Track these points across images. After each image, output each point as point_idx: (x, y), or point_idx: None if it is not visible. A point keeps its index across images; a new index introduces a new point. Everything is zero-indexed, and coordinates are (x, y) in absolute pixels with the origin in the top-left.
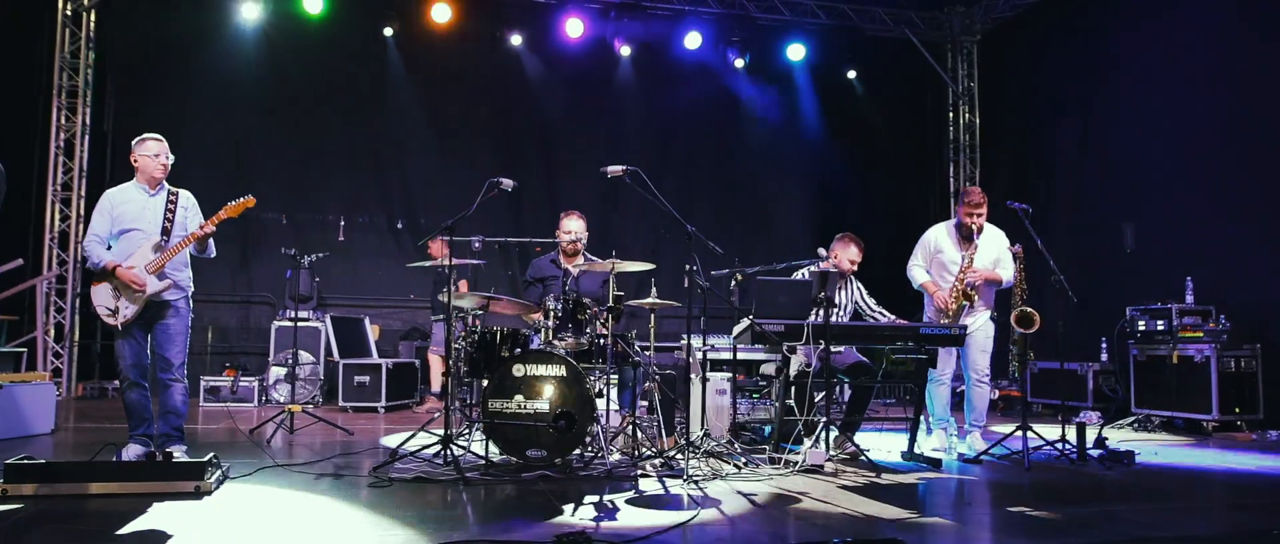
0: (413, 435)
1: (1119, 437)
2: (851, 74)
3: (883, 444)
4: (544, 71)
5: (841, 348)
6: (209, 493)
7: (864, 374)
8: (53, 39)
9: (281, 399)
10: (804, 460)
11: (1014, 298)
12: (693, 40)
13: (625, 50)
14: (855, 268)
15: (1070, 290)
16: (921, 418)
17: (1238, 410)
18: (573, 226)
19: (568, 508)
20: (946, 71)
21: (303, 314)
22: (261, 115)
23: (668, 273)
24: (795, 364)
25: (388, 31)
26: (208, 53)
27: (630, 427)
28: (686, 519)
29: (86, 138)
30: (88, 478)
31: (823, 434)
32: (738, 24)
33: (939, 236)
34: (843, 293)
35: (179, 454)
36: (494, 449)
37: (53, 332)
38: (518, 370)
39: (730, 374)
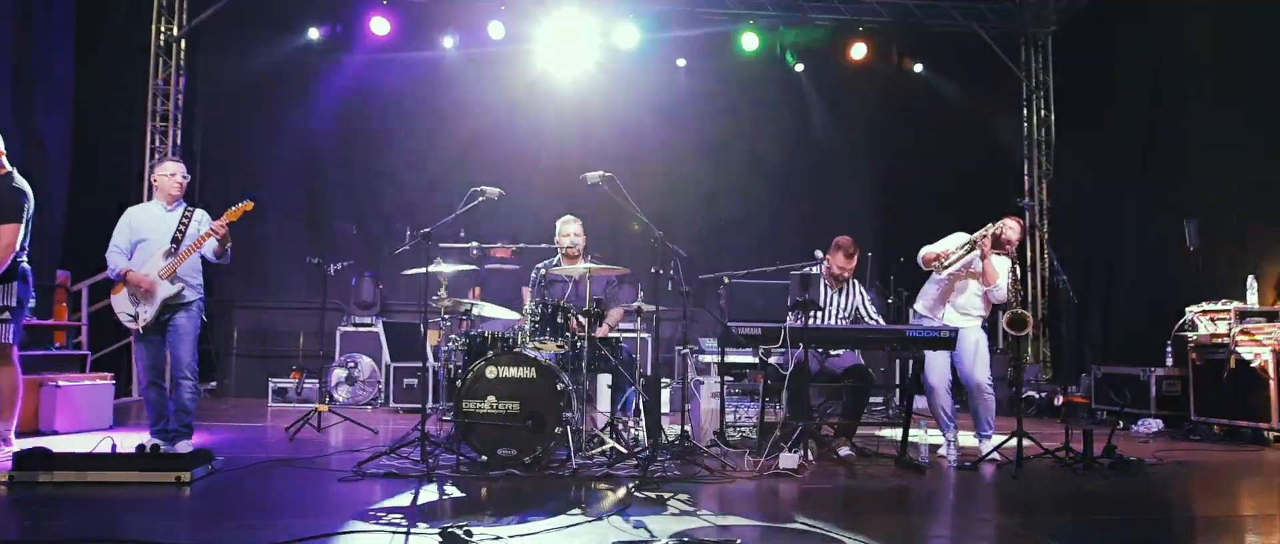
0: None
1: (1167, 444)
2: (919, 69)
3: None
4: (603, 82)
5: (840, 351)
6: (188, 484)
7: (860, 378)
8: (148, 67)
9: (342, 400)
10: (777, 465)
11: (1008, 299)
12: (749, 41)
13: (681, 62)
14: (846, 273)
15: (1072, 292)
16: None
17: None
18: (571, 230)
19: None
20: (1019, 66)
21: (365, 320)
22: (335, 134)
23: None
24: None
25: (448, 42)
26: (286, 76)
27: (609, 428)
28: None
29: (177, 156)
30: (84, 467)
31: (800, 438)
32: (795, 25)
33: (959, 238)
34: (842, 296)
35: (185, 448)
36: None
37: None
38: (490, 372)
39: (726, 377)
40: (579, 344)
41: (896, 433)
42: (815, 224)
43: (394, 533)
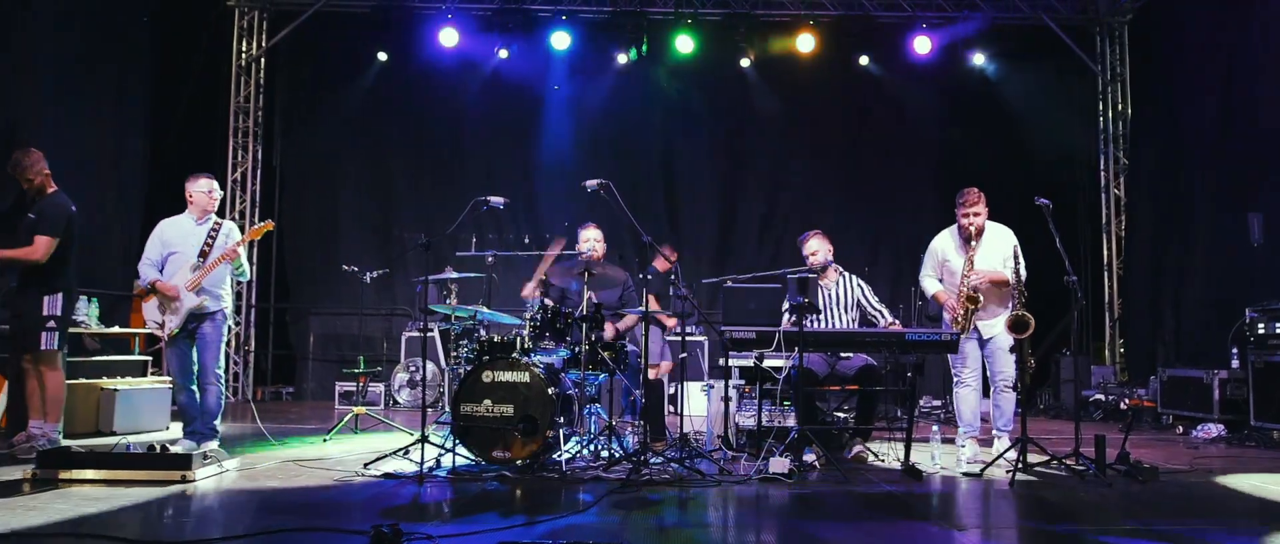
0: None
1: (1231, 454)
2: (981, 65)
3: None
4: (650, 87)
5: (850, 354)
6: (192, 482)
7: (872, 380)
8: (229, 86)
9: (404, 402)
10: (768, 469)
11: (1012, 299)
12: (806, 42)
13: (745, 61)
14: (817, 260)
15: (1081, 292)
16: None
17: None
18: (589, 236)
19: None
20: (1095, 57)
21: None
22: (407, 147)
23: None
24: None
25: (503, 53)
26: (359, 93)
27: (608, 431)
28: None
29: (258, 172)
30: (100, 465)
31: (796, 442)
32: (856, 23)
33: (944, 243)
34: (839, 291)
35: (211, 448)
36: (465, 450)
37: (233, 343)
38: (486, 376)
39: (729, 380)
40: (581, 348)
41: (921, 438)
42: (875, 232)
43: (327, 531)
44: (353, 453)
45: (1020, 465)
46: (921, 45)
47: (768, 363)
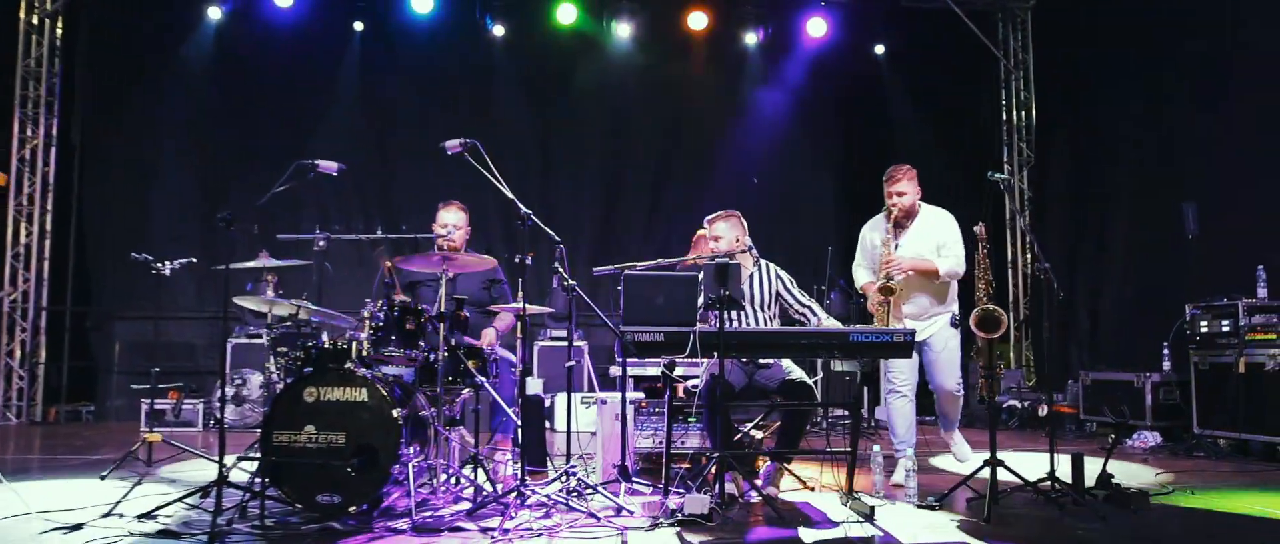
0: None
1: (1168, 464)
2: (883, 50)
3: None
4: (508, 61)
5: (771, 361)
6: None
7: (800, 393)
8: (16, 47)
9: (228, 422)
10: (681, 509)
11: (976, 294)
12: (697, 20)
13: (625, 29)
14: (721, 246)
15: (1057, 283)
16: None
17: None
18: (449, 219)
19: None
20: (997, 44)
21: (257, 330)
22: (239, 120)
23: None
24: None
25: (357, 26)
26: (182, 57)
27: (474, 464)
28: None
29: (52, 149)
30: None
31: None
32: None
33: (872, 229)
34: (756, 283)
35: None
36: (279, 494)
37: (18, 353)
38: (309, 394)
39: (627, 395)
40: (436, 356)
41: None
42: (768, 220)
43: None
44: (132, 498)
45: (996, 496)
46: (816, 27)
47: (678, 372)
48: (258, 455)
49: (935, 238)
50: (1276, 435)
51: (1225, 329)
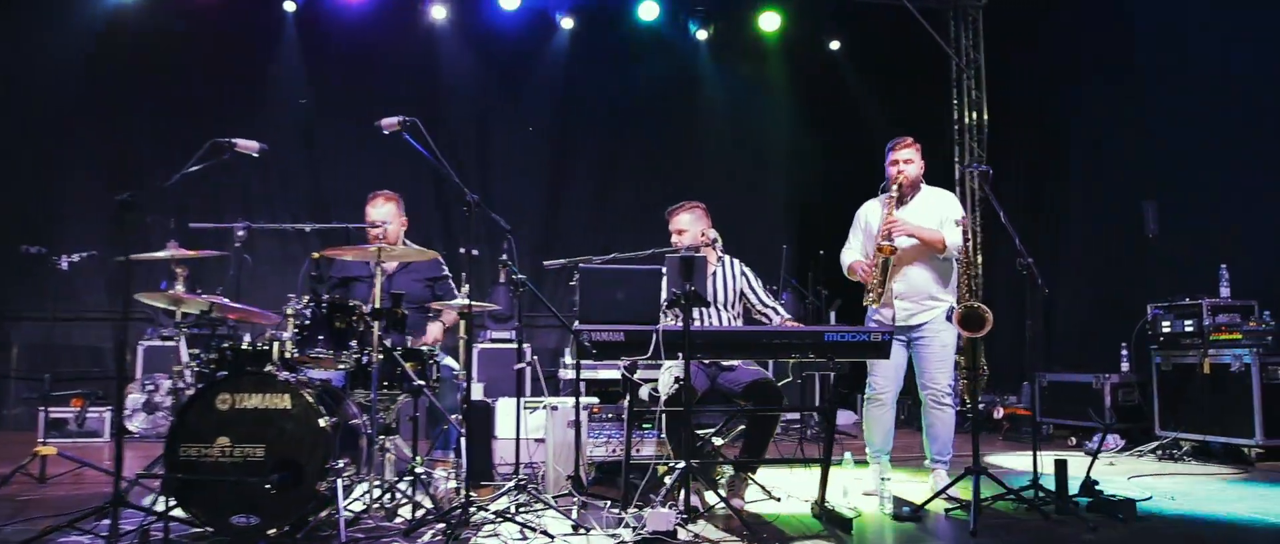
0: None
1: (1134, 467)
2: (835, 46)
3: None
4: (465, 47)
5: (736, 362)
6: None
7: (767, 398)
8: None
9: (137, 431)
10: (644, 527)
11: (960, 290)
12: (648, 10)
13: (568, 22)
14: (685, 240)
15: (1041, 278)
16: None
17: None
18: (378, 214)
19: None
20: (949, 42)
21: (169, 332)
22: (155, 100)
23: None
24: (663, 386)
25: (289, 6)
26: (89, 27)
27: (412, 478)
28: None
29: None
30: None
31: (678, 486)
32: None
33: (869, 208)
34: (720, 280)
35: None
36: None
37: None
38: (223, 402)
39: (580, 400)
40: (370, 358)
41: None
42: (718, 213)
43: None
44: (14, 522)
45: (980, 505)
46: (769, 21)
47: (639, 374)
48: (162, 472)
49: (940, 212)
50: (1240, 437)
51: (1189, 329)
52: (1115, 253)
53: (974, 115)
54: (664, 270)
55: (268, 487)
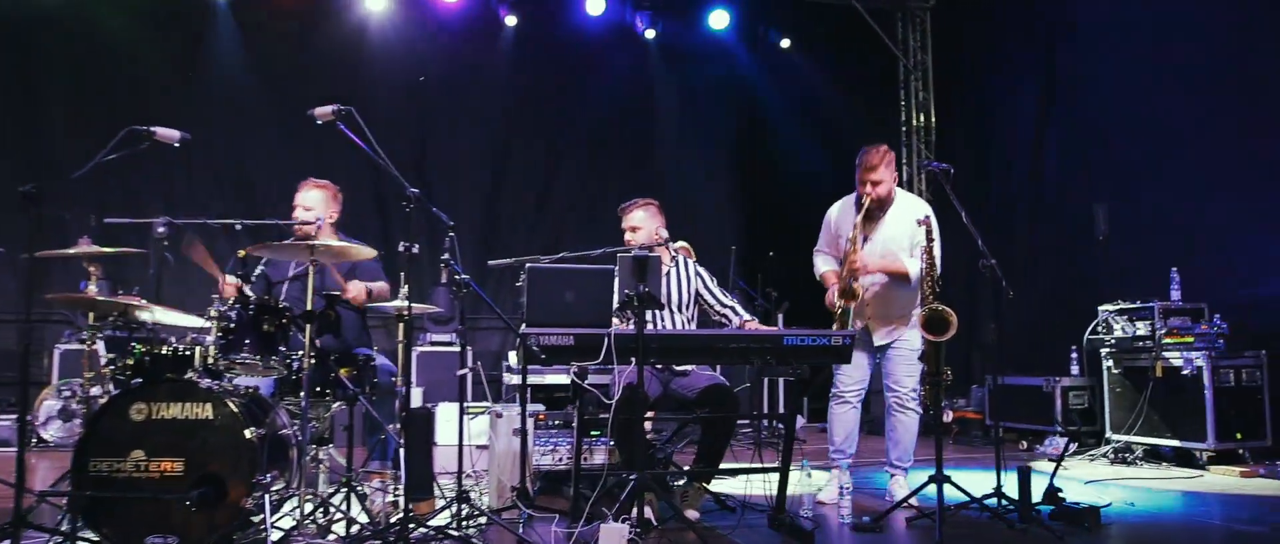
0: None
1: (1088, 472)
2: (785, 45)
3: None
4: (401, 39)
5: (688, 366)
6: None
7: (723, 403)
8: None
9: (52, 440)
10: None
11: (923, 293)
12: (595, 6)
13: (511, 19)
14: (639, 239)
15: (1005, 280)
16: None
17: (1239, 436)
18: (306, 199)
19: None
20: (897, 43)
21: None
22: (69, 84)
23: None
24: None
25: None
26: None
27: (347, 490)
28: None
29: None
30: None
31: (631, 498)
32: None
33: (840, 213)
34: (674, 281)
35: None
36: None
37: None
38: (138, 411)
39: (527, 407)
40: (302, 362)
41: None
42: (666, 213)
43: None
44: None
45: (941, 513)
46: (718, 19)
47: (590, 380)
48: (69, 490)
49: (909, 231)
50: (1192, 440)
51: (1141, 332)
52: (1064, 256)
53: (922, 117)
54: (615, 270)
55: (187, 504)
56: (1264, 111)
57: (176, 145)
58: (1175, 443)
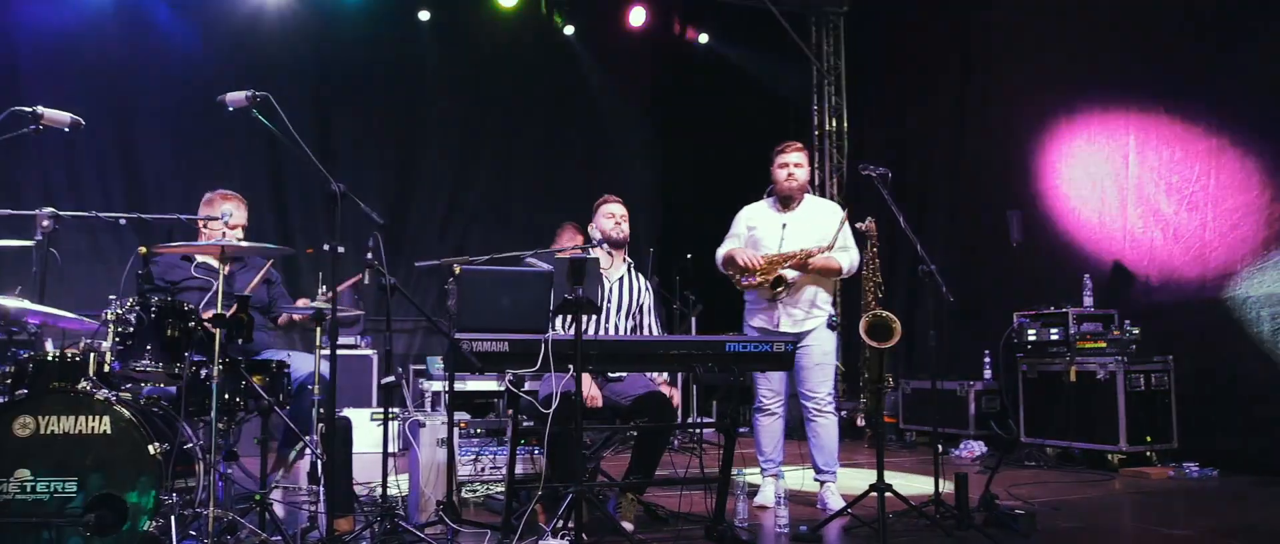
0: None
1: (1009, 476)
2: (704, 45)
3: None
4: (321, 26)
5: (624, 374)
6: None
7: (660, 411)
8: None
9: None
10: None
11: (865, 298)
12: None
13: (424, 14)
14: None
15: (945, 287)
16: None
17: (1148, 439)
18: (226, 207)
19: None
20: (811, 48)
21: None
22: None
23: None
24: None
25: None
26: None
27: (260, 507)
28: None
29: None
30: None
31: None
32: None
33: (753, 212)
34: (626, 290)
35: None
36: None
37: None
38: (23, 426)
39: (454, 416)
40: (211, 369)
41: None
42: (580, 215)
43: None
44: None
45: (886, 525)
46: (635, 16)
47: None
48: None
49: (820, 227)
50: (1104, 443)
51: (1055, 337)
52: (976, 262)
53: (834, 122)
54: (552, 271)
55: (82, 529)
56: (1169, 119)
57: (67, 130)
58: (1088, 445)
